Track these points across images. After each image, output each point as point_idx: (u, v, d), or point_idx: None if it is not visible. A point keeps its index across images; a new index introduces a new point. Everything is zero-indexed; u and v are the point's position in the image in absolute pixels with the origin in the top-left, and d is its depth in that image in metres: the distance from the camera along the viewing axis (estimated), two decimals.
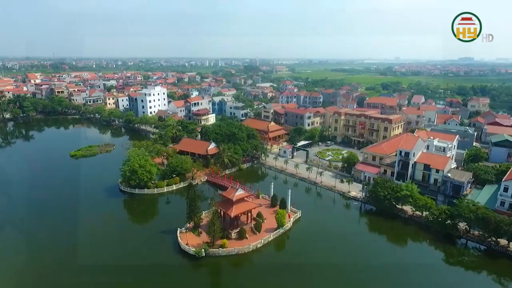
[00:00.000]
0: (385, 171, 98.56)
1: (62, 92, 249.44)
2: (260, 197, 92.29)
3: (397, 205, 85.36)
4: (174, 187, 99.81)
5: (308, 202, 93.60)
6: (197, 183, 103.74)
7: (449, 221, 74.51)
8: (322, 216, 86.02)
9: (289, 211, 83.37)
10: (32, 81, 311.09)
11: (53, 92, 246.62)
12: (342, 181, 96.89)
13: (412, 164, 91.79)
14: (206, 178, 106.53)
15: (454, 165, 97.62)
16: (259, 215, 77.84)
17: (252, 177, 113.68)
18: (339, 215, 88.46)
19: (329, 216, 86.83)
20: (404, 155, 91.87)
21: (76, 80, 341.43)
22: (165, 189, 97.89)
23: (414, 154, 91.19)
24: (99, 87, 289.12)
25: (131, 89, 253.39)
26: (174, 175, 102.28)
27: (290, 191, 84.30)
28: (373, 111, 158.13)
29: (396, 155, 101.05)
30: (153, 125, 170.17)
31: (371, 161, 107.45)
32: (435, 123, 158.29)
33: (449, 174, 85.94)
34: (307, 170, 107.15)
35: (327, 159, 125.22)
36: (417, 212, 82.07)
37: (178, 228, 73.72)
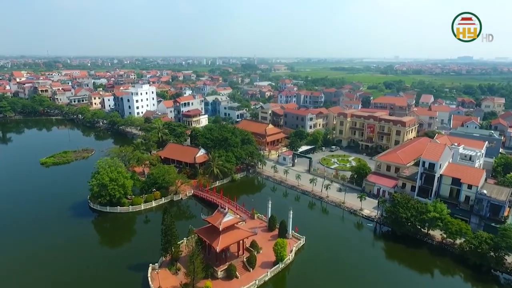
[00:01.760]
0: (404, 184, 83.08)
1: (46, 91, 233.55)
2: (256, 217, 76.74)
3: (422, 229, 70.18)
4: (154, 203, 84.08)
5: (313, 223, 78.21)
6: (181, 198, 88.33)
7: (492, 253, 59.42)
8: (330, 243, 70.43)
9: (291, 237, 67.90)
10: (17, 79, 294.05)
11: (37, 91, 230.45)
12: (361, 198, 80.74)
13: (438, 178, 76.27)
14: (192, 191, 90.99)
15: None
16: (253, 244, 62.50)
17: (247, 190, 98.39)
18: (351, 241, 72.53)
19: (338, 243, 71.10)
20: (428, 167, 76.21)
21: (64, 79, 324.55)
22: (142, 207, 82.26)
23: (440, 165, 75.65)
24: (87, 85, 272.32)
25: (121, 88, 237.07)
26: (154, 189, 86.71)
27: (291, 213, 68.44)
28: (382, 112, 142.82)
29: (415, 164, 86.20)
30: (138, 128, 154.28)
31: (385, 172, 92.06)
32: (450, 125, 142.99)
33: (484, 191, 70.50)
34: (310, 182, 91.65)
35: (332, 167, 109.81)
36: (449, 239, 66.71)
37: (150, 264, 58.04)
